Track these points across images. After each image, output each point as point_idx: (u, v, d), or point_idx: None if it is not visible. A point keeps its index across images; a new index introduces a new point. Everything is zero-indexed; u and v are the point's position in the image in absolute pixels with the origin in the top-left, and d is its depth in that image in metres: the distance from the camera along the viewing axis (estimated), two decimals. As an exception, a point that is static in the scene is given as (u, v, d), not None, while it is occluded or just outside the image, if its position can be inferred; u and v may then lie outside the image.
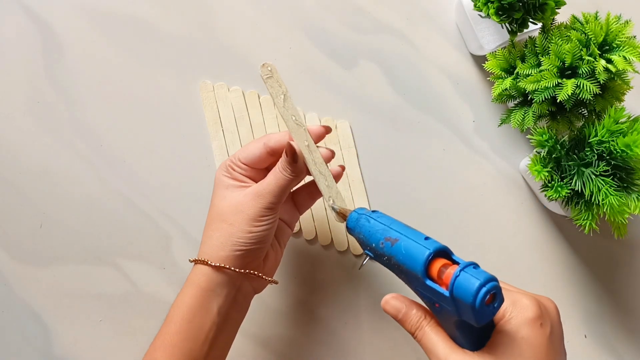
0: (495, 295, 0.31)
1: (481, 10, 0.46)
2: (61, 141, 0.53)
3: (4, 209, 0.53)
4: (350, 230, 0.39)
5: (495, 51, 0.48)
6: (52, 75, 0.54)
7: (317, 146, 0.42)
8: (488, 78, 0.51)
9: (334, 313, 0.52)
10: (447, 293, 0.31)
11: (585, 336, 0.53)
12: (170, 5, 0.54)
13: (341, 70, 0.55)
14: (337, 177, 0.44)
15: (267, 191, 0.41)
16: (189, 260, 0.43)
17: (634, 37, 0.43)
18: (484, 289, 0.30)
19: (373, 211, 0.38)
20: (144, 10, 0.54)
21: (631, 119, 0.43)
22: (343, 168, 0.45)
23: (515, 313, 0.33)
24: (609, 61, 0.42)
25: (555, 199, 0.44)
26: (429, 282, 0.32)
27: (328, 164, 0.43)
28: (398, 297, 0.37)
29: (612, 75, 0.43)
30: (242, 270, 0.41)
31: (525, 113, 0.46)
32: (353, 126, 0.54)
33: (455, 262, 0.33)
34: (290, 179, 0.41)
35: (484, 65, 0.48)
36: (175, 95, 0.54)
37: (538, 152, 0.47)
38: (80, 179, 0.53)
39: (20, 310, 0.52)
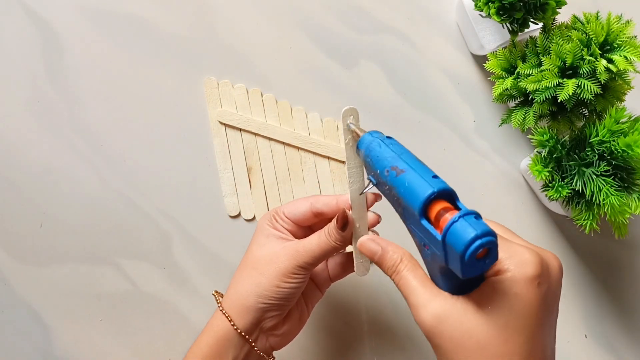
0: (489, 251, 0.28)
1: (482, 10, 0.46)
2: (61, 141, 0.53)
3: (4, 209, 0.53)
4: (359, 151, 0.37)
5: (496, 51, 0.48)
6: (52, 75, 0.54)
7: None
8: (489, 78, 0.51)
9: (334, 313, 0.52)
10: (439, 237, 0.29)
11: (586, 336, 0.53)
12: (170, 4, 0.54)
13: (342, 70, 0.54)
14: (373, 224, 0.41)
15: (306, 250, 0.40)
16: (213, 293, 0.43)
17: (635, 37, 0.43)
18: (478, 242, 0.27)
19: (388, 137, 0.36)
20: (145, 9, 0.54)
21: (632, 119, 0.43)
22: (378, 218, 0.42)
23: (512, 267, 0.30)
24: (610, 61, 0.42)
25: (556, 199, 0.44)
26: (424, 222, 0.31)
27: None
28: (374, 238, 0.37)
29: (613, 75, 0.43)
30: (249, 340, 0.40)
31: (526, 113, 0.46)
32: (353, 126, 0.54)
33: (457, 208, 0.30)
34: (334, 246, 0.39)
35: (484, 65, 0.48)
36: (175, 95, 0.54)
37: (539, 152, 0.47)
38: (80, 178, 0.53)
39: (20, 310, 0.52)
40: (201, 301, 0.52)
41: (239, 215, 0.53)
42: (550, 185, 0.44)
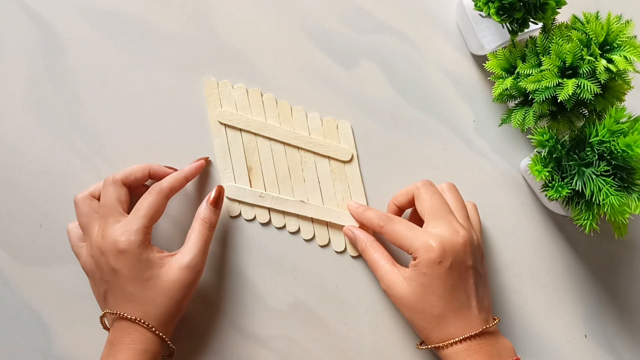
0: None
1: (482, 10, 0.46)
2: (61, 141, 0.53)
3: (4, 209, 0.53)
4: None
5: (496, 51, 0.48)
6: (52, 75, 0.54)
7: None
8: (488, 78, 0.51)
9: (334, 313, 0.52)
10: None
11: (586, 336, 0.53)
12: (170, 5, 0.54)
13: (341, 70, 0.55)
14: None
15: (197, 261, 0.46)
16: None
17: (635, 37, 0.43)
18: None
19: None
20: (145, 9, 0.54)
21: (632, 118, 0.43)
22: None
23: (421, 254, 0.43)
24: (610, 61, 0.42)
25: (556, 199, 0.44)
26: None
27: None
28: (352, 227, 0.51)
29: (613, 75, 0.43)
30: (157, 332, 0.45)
31: (525, 113, 0.46)
32: (353, 126, 0.54)
33: None
34: (211, 233, 0.48)
35: (484, 65, 0.48)
36: (175, 95, 0.54)
37: (538, 152, 0.47)
38: (80, 179, 0.53)
39: (20, 310, 0.52)
40: (201, 301, 0.52)
41: (239, 215, 0.53)
42: (550, 185, 0.44)
